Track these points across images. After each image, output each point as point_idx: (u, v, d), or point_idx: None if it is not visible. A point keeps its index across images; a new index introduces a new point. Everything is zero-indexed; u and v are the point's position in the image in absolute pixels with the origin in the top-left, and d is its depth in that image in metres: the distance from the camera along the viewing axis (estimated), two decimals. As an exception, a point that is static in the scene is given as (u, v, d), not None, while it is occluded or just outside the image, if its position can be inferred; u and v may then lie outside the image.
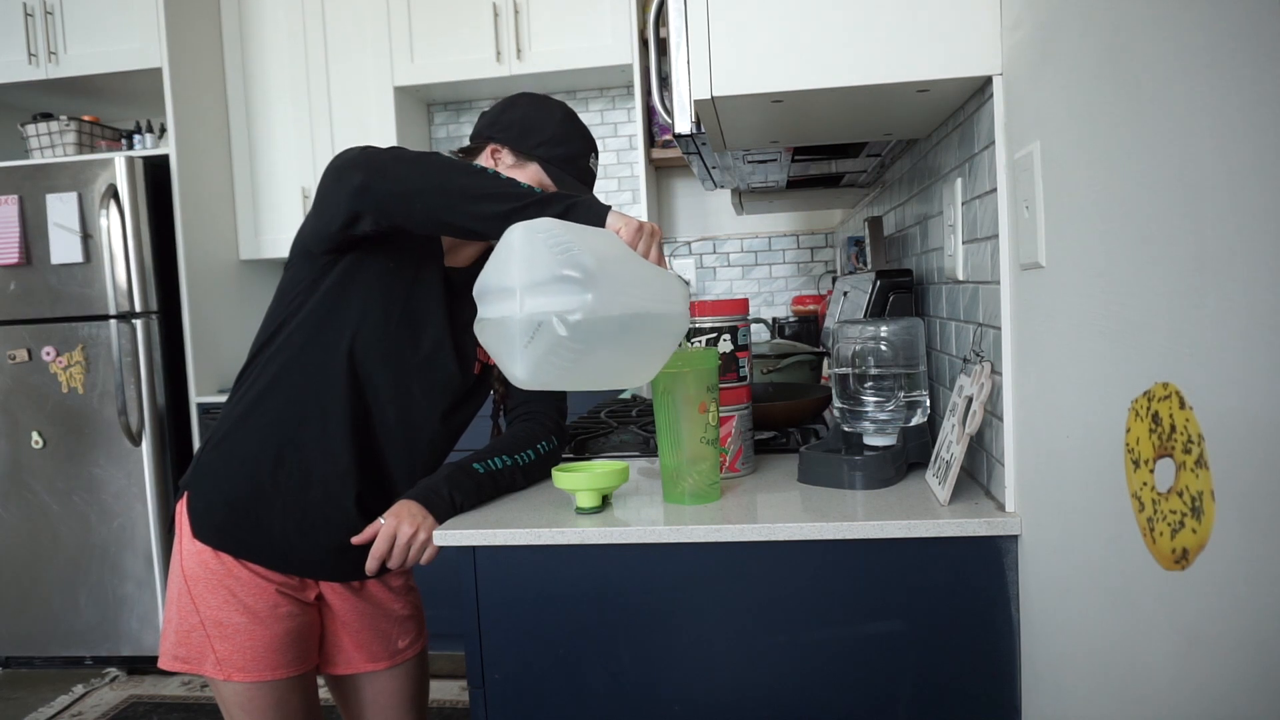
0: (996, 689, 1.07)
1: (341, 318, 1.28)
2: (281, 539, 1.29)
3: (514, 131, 1.35)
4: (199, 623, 1.27)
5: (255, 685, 1.28)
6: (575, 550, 1.12)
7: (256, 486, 1.28)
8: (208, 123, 3.22)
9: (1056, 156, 0.87)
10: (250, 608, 1.27)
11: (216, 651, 1.27)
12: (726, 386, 1.33)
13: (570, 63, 3.05)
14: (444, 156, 1.21)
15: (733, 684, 1.11)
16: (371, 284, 1.28)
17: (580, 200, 1.12)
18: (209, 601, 1.27)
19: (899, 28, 1.05)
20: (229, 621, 1.27)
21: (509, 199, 1.10)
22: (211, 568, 1.27)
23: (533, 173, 1.34)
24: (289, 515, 1.29)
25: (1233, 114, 0.55)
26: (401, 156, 1.17)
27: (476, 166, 1.17)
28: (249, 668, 1.27)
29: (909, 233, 1.69)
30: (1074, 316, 0.84)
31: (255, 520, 1.28)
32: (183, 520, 1.30)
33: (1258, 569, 0.54)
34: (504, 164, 1.35)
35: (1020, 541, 1.05)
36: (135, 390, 2.96)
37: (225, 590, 1.27)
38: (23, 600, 3.06)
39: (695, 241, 3.46)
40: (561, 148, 1.34)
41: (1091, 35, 0.76)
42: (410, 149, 1.20)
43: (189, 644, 1.28)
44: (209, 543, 1.28)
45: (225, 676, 1.27)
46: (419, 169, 1.15)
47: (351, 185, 1.16)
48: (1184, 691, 0.64)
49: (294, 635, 1.31)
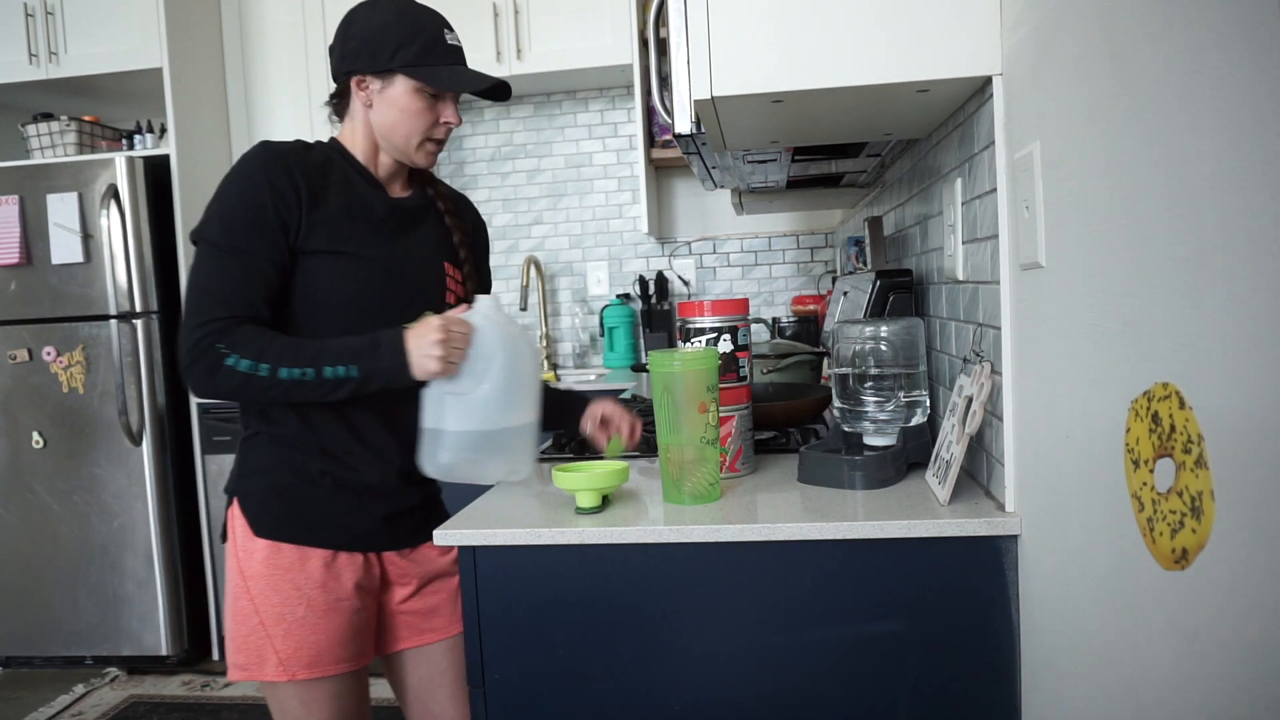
0: (996, 689, 1.07)
1: (325, 303, 1.29)
2: (340, 518, 1.31)
3: (364, 55, 1.32)
4: (259, 624, 1.28)
5: (316, 682, 1.29)
6: (575, 550, 1.12)
7: (302, 473, 1.30)
8: (208, 123, 3.22)
9: (1056, 156, 0.87)
10: (312, 600, 1.29)
11: (278, 651, 1.27)
12: (726, 386, 1.32)
13: (570, 63, 3.05)
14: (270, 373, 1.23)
15: (733, 683, 1.11)
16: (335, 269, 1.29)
17: (381, 368, 1.23)
18: (270, 600, 1.28)
19: (899, 28, 1.05)
20: (290, 616, 1.28)
21: (321, 388, 1.23)
22: (273, 563, 1.28)
23: (400, 88, 1.31)
24: (342, 493, 1.31)
25: (1233, 114, 0.55)
26: (225, 376, 1.21)
27: (303, 368, 1.22)
28: (312, 664, 1.28)
29: (909, 233, 1.69)
30: (1074, 316, 0.84)
31: (309, 505, 1.30)
32: (236, 524, 1.31)
33: (1258, 569, 0.54)
34: (372, 91, 1.33)
35: (1020, 541, 1.05)
36: (136, 390, 2.96)
37: (289, 584, 1.28)
38: (23, 600, 3.06)
39: (695, 241, 3.46)
40: (413, 45, 1.30)
41: (1091, 35, 0.76)
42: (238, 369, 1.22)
43: (248, 649, 1.28)
44: (269, 536, 1.29)
45: (289, 677, 1.27)
46: (236, 385, 1.22)
47: (189, 384, 1.24)
48: (1183, 691, 0.64)
49: (354, 630, 1.33)
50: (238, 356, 1.20)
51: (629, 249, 3.48)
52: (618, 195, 3.48)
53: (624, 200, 3.48)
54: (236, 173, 1.26)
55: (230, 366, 1.20)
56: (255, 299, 1.24)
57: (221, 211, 1.25)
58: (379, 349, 1.23)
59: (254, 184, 1.24)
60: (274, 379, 1.21)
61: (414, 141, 1.33)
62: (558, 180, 3.48)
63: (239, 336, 1.21)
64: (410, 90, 1.31)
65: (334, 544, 1.31)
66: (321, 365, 1.22)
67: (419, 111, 1.32)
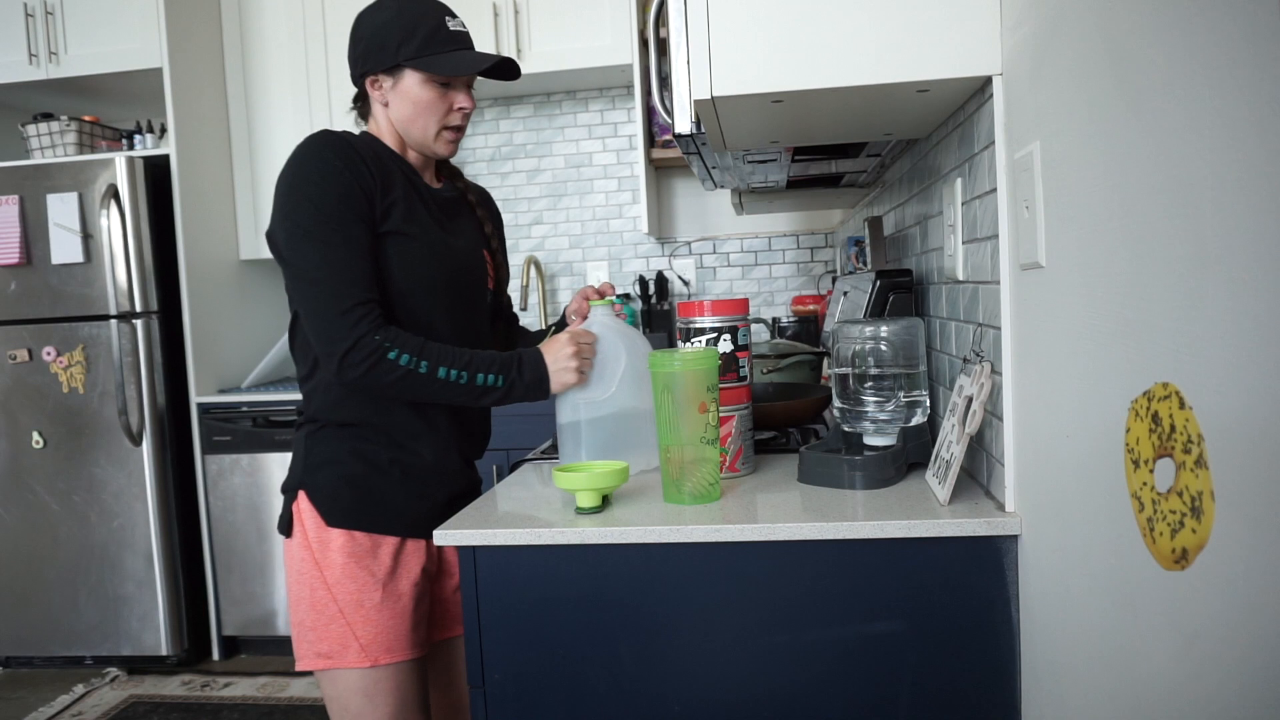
0: (996, 689, 1.07)
1: (394, 285, 1.31)
2: (406, 505, 1.34)
3: (373, 55, 1.33)
4: (338, 611, 1.30)
5: (390, 669, 1.31)
6: (575, 550, 1.12)
7: (371, 462, 1.33)
8: (208, 123, 3.22)
9: (1056, 156, 0.87)
10: (390, 587, 1.32)
11: (359, 638, 1.30)
12: (726, 386, 1.33)
13: (570, 63, 3.05)
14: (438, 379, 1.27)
15: (732, 684, 1.11)
16: (404, 251, 1.31)
17: (524, 381, 1.31)
18: (347, 587, 1.30)
19: (899, 28, 1.05)
20: (369, 602, 1.30)
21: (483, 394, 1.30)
22: (348, 551, 1.31)
23: (410, 81, 1.32)
24: (407, 480, 1.34)
25: (1232, 114, 0.55)
26: (386, 370, 1.24)
27: (460, 370, 1.27)
28: (391, 649, 1.31)
29: (909, 233, 1.69)
30: (1074, 316, 0.84)
31: (380, 494, 1.33)
32: (304, 517, 1.33)
33: (1258, 569, 0.54)
34: (385, 89, 1.34)
35: (1020, 541, 1.05)
36: (135, 390, 2.96)
37: (364, 571, 1.31)
38: (23, 600, 3.06)
39: (695, 241, 3.46)
40: (415, 37, 1.31)
41: (1091, 35, 0.76)
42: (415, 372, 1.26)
43: (329, 637, 1.30)
44: (343, 525, 1.31)
45: (371, 662, 1.30)
46: (396, 380, 1.26)
47: (343, 380, 1.26)
48: (1184, 691, 0.64)
49: (421, 615, 1.37)
50: (399, 351, 1.23)
51: (629, 249, 3.48)
52: (618, 195, 3.48)
53: (624, 200, 3.48)
54: (309, 162, 1.26)
55: (393, 360, 1.23)
56: (373, 281, 1.26)
57: (311, 199, 1.24)
58: (522, 364, 1.30)
59: (334, 169, 1.25)
60: (432, 377, 1.25)
61: (431, 132, 1.35)
62: (558, 180, 3.48)
63: (394, 333, 1.25)
64: (420, 82, 1.32)
65: (403, 530, 1.34)
66: (475, 371, 1.27)
67: (431, 101, 1.33)
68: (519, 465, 1.57)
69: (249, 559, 3.06)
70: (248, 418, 3.03)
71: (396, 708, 1.32)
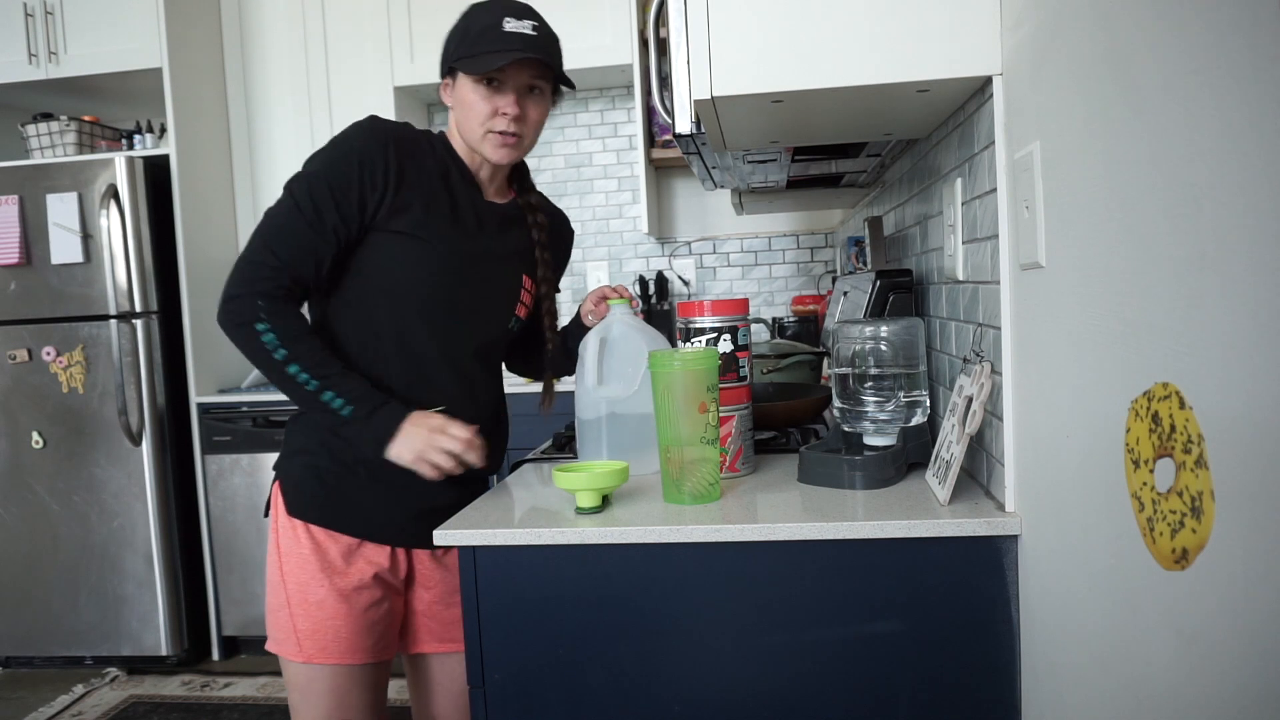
0: (996, 688, 1.07)
1: (396, 286, 1.30)
2: (371, 508, 1.33)
3: (442, 60, 1.34)
4: (285, 600, 1.30)
5: (327, 669, 1.30)
6: (575, 550, 1.12)
7: (338, 458, 1.32)
8: (208, 123, 3.22)
9: (1056, 156, 0.87)
10: (337, 586, 1.30)
11: (298, 630, 1.29)
12: (726, 386, 1.32)
13: (570, 63, 3.01)
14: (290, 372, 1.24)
15: (732, 684, 1.11)
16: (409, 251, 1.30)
17: (370, 425, 1.25)
18: (297, 578, 1.30)
19: (899, 28, 1.05)
20: (312, 597, 1.30)
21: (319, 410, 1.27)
22: (304, 543, 1.31)
23: (462, 83, 1.31)
24: (375, 484, 1.32)
25: (1232, 114, 0.55)
26: (249, 342, 1.24)
27: (315, 381, 1.24)
28: (327, 648, 1.29)
29: (909, 233, 1.69)
30: (1074, 316, 0.84)
31: (344, 492, 1.32)
32: (277, 502, 1.34)
33: (1258, 569, 0.54)
34: (448, 94, 1.35)
35: (1020, 541, 1.05)
36: (135, 390, 2.96)
37: (315, 566, 1.30)
38: (23, 600, 3.06)
39: (695, 241, 3.46)
40: (466, 38, 1.29)
41: (1091, 35, 0.76)
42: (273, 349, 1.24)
43: (276, 624, 1.32)
44: (303, 517, 1.31)
45: (305, 658, 1.29)
46: (253, 352, 1.24)
47: (220, 322, 1.26)
48: (1183, 691, 0.64)
49: (372, 621, 1.34)
50: (268, 327, 1.22)
51: (629, 249, 3.48)
52: (618, 195, 3.48)
53: (624, 200, 3.48)
54: (339, 141, 1.29)
55: (257, 331, 1.22)
56: (308, 265, 1.26)
57: (314, 171, 1.27)
58: (377, 411, 1.25)
59: (347, 157, 1.27)
60: (281, 367, 1.23)
61: (477, 134, 1.32)
62: (558, 180, 3.48)
63: (282, 311, 1.24)
64: (469, 84, 1.31)
65: (361, 532, 1.33)
66: (327, 387, 1.24)
67: (475, 104, 1.30)
68: (519, 465, 1.57)
69: (249, 559, 3.06)
70: (248, 418, 3.03)
71: (330, 709, 1.30)
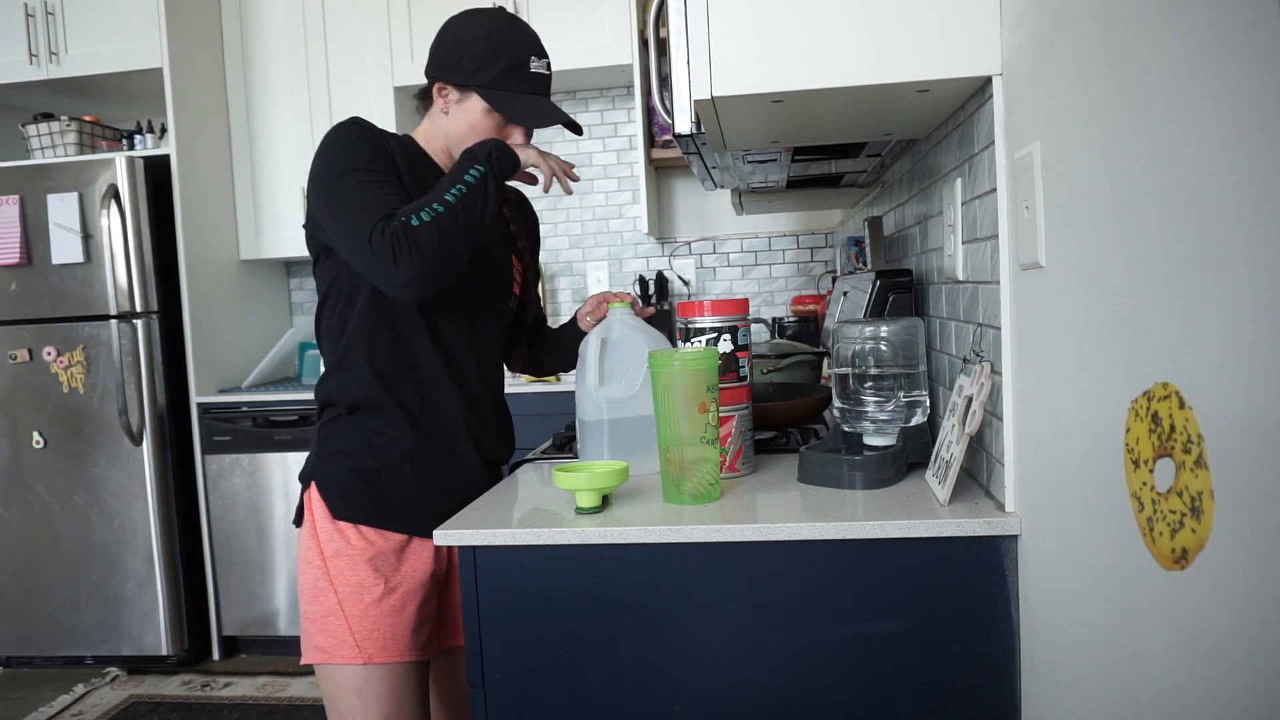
0: (996, 689, 1.07)
1: None
2: (417, 502, 1.33)
3: (449, 65, 1.33)
4: (336, 604, 1.29)
5: (385, 668, 1.29)
6: (575, 550, 1.12)
7: (382, 456, 1.32)
8: (208, 123, 3.22)
9: (1056, 156, 0.87)
10: (392, 584, 1.31)
11: (354, 633, 1.28)
12: (726, 386, 1.33)
13: (570, 63, 3.05)
14: (437, 203, 1.24)
15: (732, 684, 1.11)
16: None
17: (489, 156, 1.28)
18: (348, 580, 1.29)
19: (899, 28, 1.05)
20: (369, 597, 1.29)
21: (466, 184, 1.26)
22: (355, 544, 1.30)
23: (473, 105, 1.33)
24: (420, 478, 1.34)
25: (1233, 114, 0.55)
26: (425, 235, 1.20)
27: (452, 191, 1.23)
28: (387, 647, 1.29)
29: (909, 233, 1.69)
30: (1074, 316, 0.84)
31: (391, 489, 1.33)
32: (314, 508, 1.33)
33: (1258, 569, 0.54)
34: (450, 100, 1.35)
35: (1020, 541, 1.05)
36: (136, 390, 2.96)
37: (367, 566, 1.30)
38: (23, 600, 3.06)
39: (695, 241, 3.46)
40: (494, 67, 1.31)
41: (1092, 35, 0.76)
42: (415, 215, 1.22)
43: (326, 630, 1.29)
44: (348, 519, 1.31)
45: (365, 659, 1.28)
46: (438, 235, 1.21)
47: (408, 281, 1.20)
48: (1183, 691, 0.64)
49: (424, 618, 1.35)
50: (411, 214, 1.21)
51: (629, 249, 3.48)
52: (618, 195, 3.48)
53: (624, 200, 3.48)
54: (343, 137, 1.28)
55: (419, 224, 1.20)
56: (398, 201, 1.25)
57: (348, 153, 1.26)
58: (473, 152, 1.28)
59: (367, 141, 1.27)
60: (451, 209, 1.22)
61: None
62: (558, 180, 3.48)
63: (397, 214, 1.22)
64: (483, 109, 1.33)
65: (410, 528, 1.33)
66: (455, 182, 1.24)
67: (487, 131, 1.34)
68: (519, 465, 1.57)
69: (249, 559, 3.06)
70: (248, 418, 3.03)
71: (390, 710, 1.31)
